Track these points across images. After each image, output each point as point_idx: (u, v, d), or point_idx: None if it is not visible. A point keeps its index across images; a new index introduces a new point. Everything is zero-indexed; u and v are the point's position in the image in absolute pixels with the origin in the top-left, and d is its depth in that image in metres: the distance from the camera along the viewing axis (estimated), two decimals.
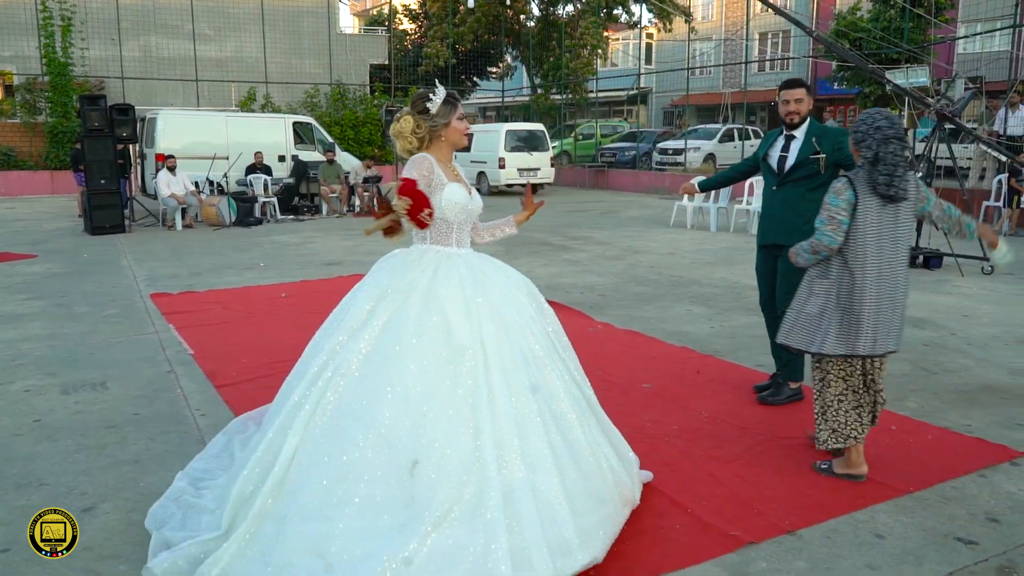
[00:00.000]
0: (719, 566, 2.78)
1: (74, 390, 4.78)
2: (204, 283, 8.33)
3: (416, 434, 2.63)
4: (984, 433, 4.02)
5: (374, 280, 3.02)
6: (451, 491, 2.55)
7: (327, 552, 2.48)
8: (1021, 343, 5.75)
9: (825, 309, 3.35)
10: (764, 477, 3.49)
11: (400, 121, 3.08)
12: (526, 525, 2.55)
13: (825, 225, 3.30)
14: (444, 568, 2.43)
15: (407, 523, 2.51)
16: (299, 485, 2.63)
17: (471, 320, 2.82)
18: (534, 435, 2.72)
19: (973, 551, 2.88)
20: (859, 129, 3.33)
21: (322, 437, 2.68)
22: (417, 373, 2.71)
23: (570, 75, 26.97)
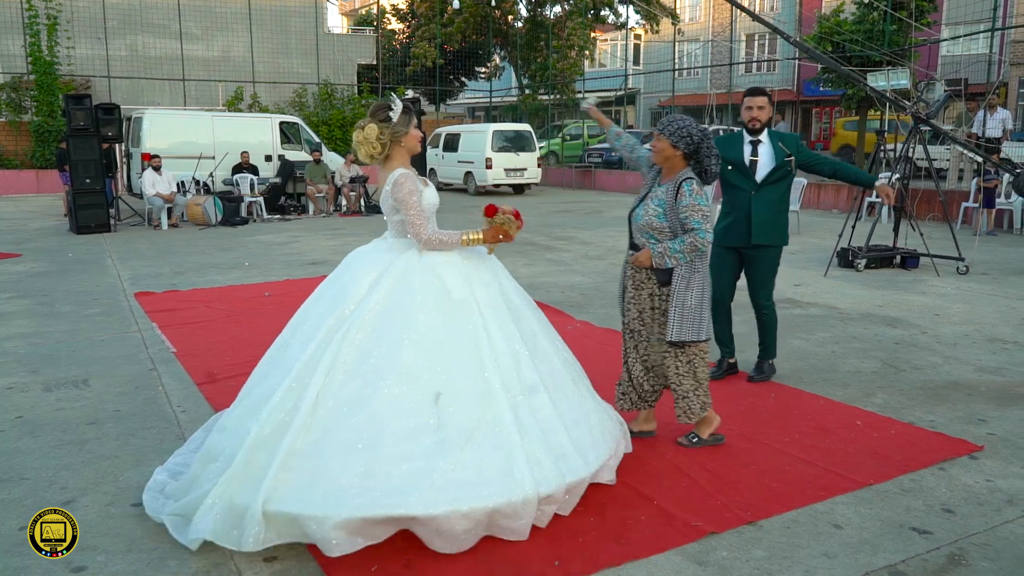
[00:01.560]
0: (681, 555, 2.87)
1: (56, 387, 4.84)
2: (188, 282, 8.38)
3: (434, 372, 3.00)
4: (947, 428, 4.13)
5: (371, 260, 3.32)
6: (471, 415, 2.96)
7: (374, 473, 2.80)
8: (990, 341, 5.88)
9: (702, 299, 3.62)
10: (729, 469, 3.59)
11: (364, 129, 3.33)
12: (531, 435, 3.01)
13: (703, 224, 3.54)
14: (479, 477, 2.84)
15: (441, 442, 2.88)
16: (333, 424, 2.89)
17: (464, 282, 3.23)
18: (526, 367, 3.17)
19: (927, 540, 2.98)
20: (689, 132, 3.62)
21: (347, 382, 2.96)
22: (427, 323, 3.08)
23: (557, 76, 27.07)
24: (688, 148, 3.62)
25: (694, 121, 3.66)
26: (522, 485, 2.87)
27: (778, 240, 4.77)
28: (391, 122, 3.29)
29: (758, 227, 4.65)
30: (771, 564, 2.81)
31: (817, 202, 15.96)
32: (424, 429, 2.90)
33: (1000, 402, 4.54)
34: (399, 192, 3.22)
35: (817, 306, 7.12)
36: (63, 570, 2.78)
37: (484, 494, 2.82)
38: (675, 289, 3.61)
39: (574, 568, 2.76)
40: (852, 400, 4.57)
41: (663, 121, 3.68)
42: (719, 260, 4.81)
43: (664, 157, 3.68)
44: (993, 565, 2.81)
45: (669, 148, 3.63)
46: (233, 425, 3.18)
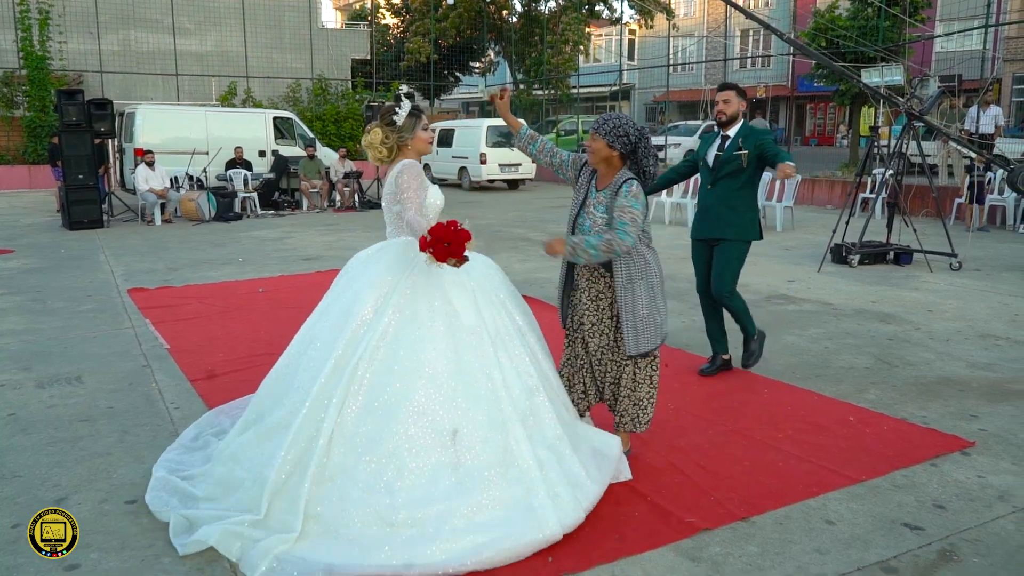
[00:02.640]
0: (675, 551, 2.88)
1: (49, 384, 4.82)
2: (181, 278, 8.36)
3: (449, 407, 2.94)
4: (939, 424, 4.15)
5: (376, 276, 3.19)
6: (490, 451, 2.92)
7: (395, 520, 2.75)
8: (982, 337, 5.90)
9: (651, 303, 3.48)
10: (723, 466, 3.60)
11: (370, 133, 3.32)
12: (549, 467, 2.98)
13: (628, 226, 3.32)
14: (501, 517, 2.80)
15: (460, 483, 2.85)
16: (350, 465, 2.85)
17: (471, 303, 3.15)
18: (537, 395, 3.14)
19: (918, 536, 3.00)
20: (626, 131, 3.42)
21: (360, 421, 2.91)
22: (438, 354, 3.00)
23: (552, 71, 27.04)
24: (625, 148, 3.43)
25: (631, 119, 3.51)
26: (546, 522, 2.83)
27: (735, 235, 4.77)
28: (395, 126, 3.28)
29: (712, 220, 4.80)
30: (763, 560, 2.82)
31: (811, 198, 16.00)
32: (442, 468, 2.86)
33: (992, 398, 4.56)
34: (402, 178, 3.19)
35: (810, 302, 7.14)
36: (57, 568, 2.77)
37: (508, 535, 2.75)
38: (621, 300, 3.45)
39: (568, 564, 2.77)
40: (845, 396, 4.59)
41: (598, 120, 3.50)
42: (695, 253, 5.03)
43: (601, 158, 3.47)
44: (984, 561, 2.83)
45: (606, 148, 3.43)
46: (249, 450, 3.14)
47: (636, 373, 3.58)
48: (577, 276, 3.64)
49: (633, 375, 3.58)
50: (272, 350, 5.45)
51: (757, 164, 4.71)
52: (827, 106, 35.86)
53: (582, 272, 3.61)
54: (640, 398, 3.59)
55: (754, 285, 7.86)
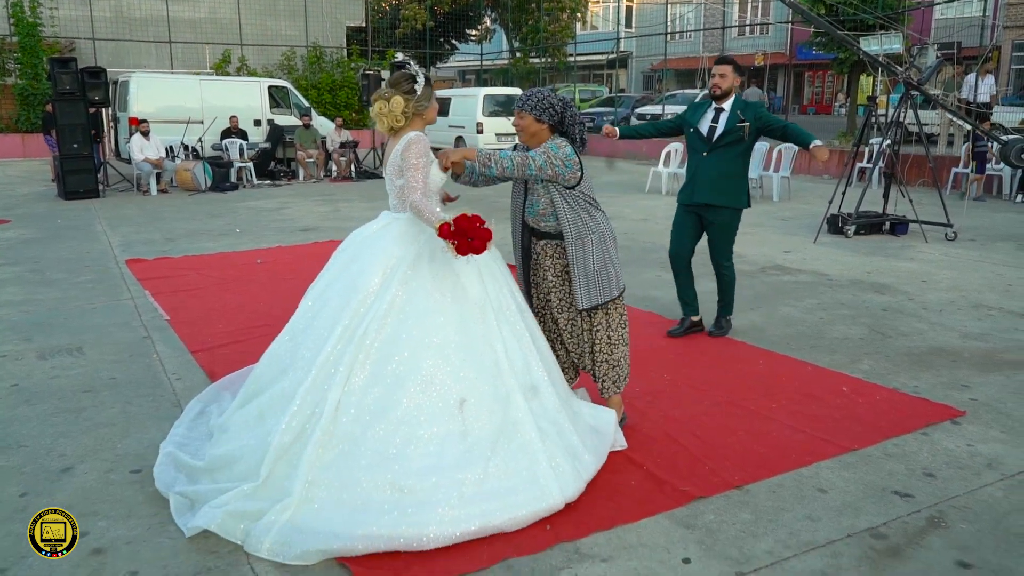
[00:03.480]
0: (670, 519, 2.95)
1: (50, 355, 4.86)
2: (179, 249, 8.36)
3: (456, 378, 2.99)
4: (931, 394, 4.22)
5: (381, 250, 3.20)
6: (495, 421, 2.98)
7: (404, 485, 2.80)
8: (975, 308, 5.96)
9: (603, 258, 3.52)
10: (718, 436, 3.66)
11: (390, 101, 3.22)
12: (550, 439, 3.05)
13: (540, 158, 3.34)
14: (507, 486, 2.86)
15: (469, 451, 2.90)
16: (358, 432, 2.88)
17: (476, 277, 3.19)
18: (535, 367, 3.21)
19: (908, 503, 3.07)
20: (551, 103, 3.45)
21: (368, 389, 2.94)
22: (445, 325, 3.06)
23: (549, 39, 26.79)
24: (552, 120, 3.46)
25: (551, 91, 3.55)
26: (549, 492, 2.90)
27: (727, 202, 4.97)
28: (415, 94, 3.24)
29: (705, 186, 4.95)
30: (756, 527, 2.89)
31: (808, 167, 15.96)
32: (451, 437, 2.91)
33: (983, 368, 4.63)
34: (409, 153, 3.15)
35: (806, 272, 7.18)
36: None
37: (512, 504, 2.82)
38: (572, 256, 3.48)
39: (566, 532, 2.83)
40: (839, 366, 4.65)
41: (520, 98, 3.52)
42: (679, 219, 5.17)
43: (530, 134, 3.50)
44: (971, 527, 2.90)
45: (534, 123, 3.46)
46: (249, 424, 3.18)
47: (610, 336, 3.63)
48: (539, 255, 3.65)
49: (608, 339, 3.63)
50: (271, 321, 5.51)
51: (754, 136, 4.87)
52: (825, 74, 35.62)
53: (545, 250, 3.63)
54: (617, 359, 3.66)
55: (750, 256, 7.90)
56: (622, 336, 3.68)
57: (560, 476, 2.97)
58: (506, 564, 2.65)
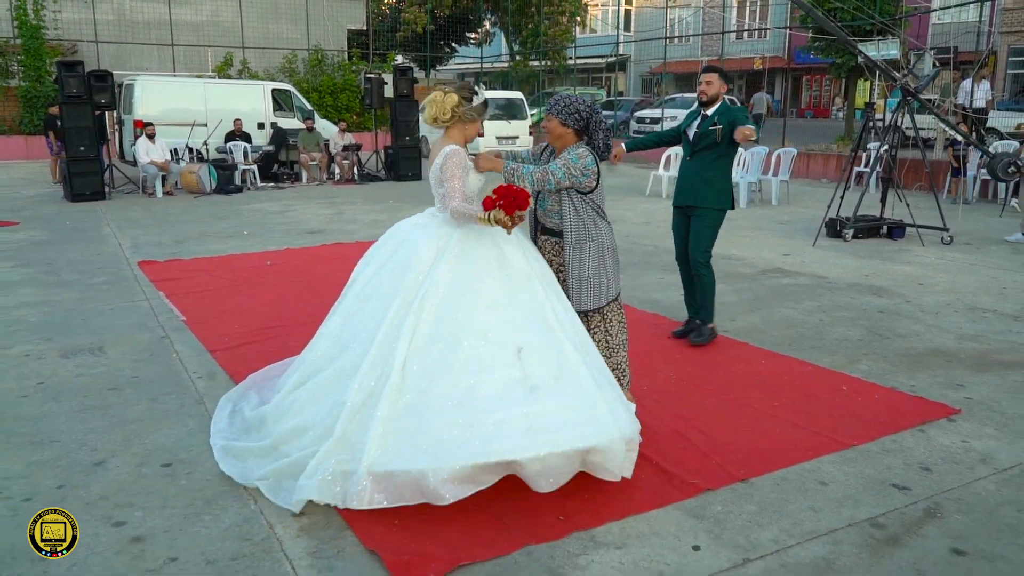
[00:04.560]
0: (679, 510, 3.10)
1: (73, 355, 5.00)
2: (189, 251, 8.50)
3: (509, 330, 3.21)
4: (927, 393, 4.37)
5: (431, 231, 3.47)
6: (551, 367, 3.17)
7: (474, 423, 3.00)
8: (970, 310, 6.12)
9: (599, 267, 3.69)
10: (724, 433, 3.81)
11: (447, 95, 3.49)
12: (605, 386, 3.26)
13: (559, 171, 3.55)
14: (568, 420, 3.05)
15: (530, 392, 3.10)
16: (425, 385, 3.09)
17: (520, 252, 3.44)
18: (581, 329, 3.47)
19: (905, 496, 3.22)
20: (577, 108, 3.64)
21: (431, 346, 3.16)
22: (495, 288, 3.30)
23: (548, 42, 26.95)
24: (578, 125, 3.65)
25: (581, 98, 3.72)
26: (608, 427, 3.08)
27: (708, 203, 5.18)
28: (470, 103, 3.49)
29: (687, 188, 5.24)
30: (762, 517, 3.04)
31: (807, 172, 16.15)
32: (512, 381, 3.10)
33: (978, 368, 4.78)
34: (447, 165, 3.40)
35: (805, 275, 7.34)
36: (105, 525, 2.97)
37: (576, 435, 3.01)
38: (569, 260, 3.69)
39: (581, 521, 2.98)
40: (838, 366, 4.80)
41: (551, 101, 3.73)
42: (675, 222, 5.46)
43: (555, 136, 3.70)
44: (965, 518, 3.05)
45: (559, 127, 3.66)
46: (315, 399, 3.36)
47: (608, 340, 3.79)
48: (541, 248, 3.84)
49: (606, 342, 3.79)
50: (284, 322, 5.67)
51: (731, 139, 5.06)
52: (823, 78, 35.83)
53: (544, 246, 3.84)
54: (618, 362, 3.83)
55: (750, 259, 8.06)
56: (621, 341, 3.83)
57: (617, 416, 3.17)
58: (526, 551, 2.79)
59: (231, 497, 3.18)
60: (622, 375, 3.83)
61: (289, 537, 2.88)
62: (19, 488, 3.26)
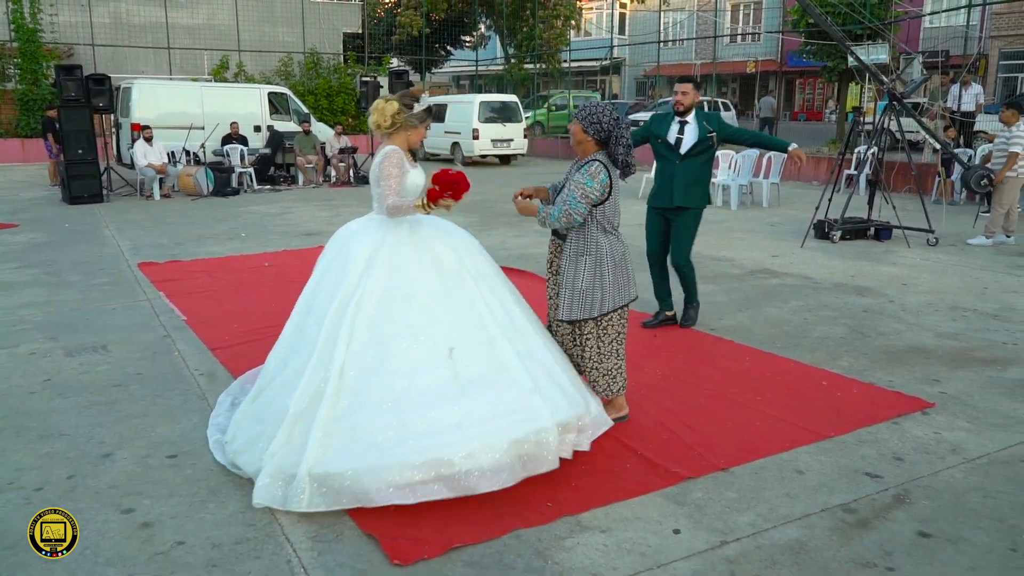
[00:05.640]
0: (661, 496, 3.26)
1: (77, 353, 5.14)
2: (188, 252, 8.64)
3: (442, 330, 3.37)
4: (904, 388, 4.54)
5: (365, 237, 3.62)
6: (482, 363, 3.36)
7: (406, 421, 3.16)
8: (951, 309, 6.29)
9: (594, 280, 3.75)
10: (707, 425, 3.97)
11: (388, 103, 3.66)
12: (537, 373, 3.43)
13: (578, 202, 3.67)
14: (498, 412, 3.22)
15: (461, 389, 3.27)
16: (362, 387, 3.25)
17: (452, 252, 3.61)
18: (519, 319, 3.62)
19: (877, 483, 3.38)
20: (599, 119, 3.75)
21: (367, 349, 3.32)
22: (428, 288, 3.46)
23: (543, 45, 27.14)
24: (598, 135, 3.75)
25: (610, 110, 3.82)
26: (539, 414, 3.24)
27: (696, 203, 5.53)
28: (410, 110, 3.64)
29: (680, 191, 5.48)
30: (740, 503, 3.20)
31: (798, 174, 16.32)
32: (444, 380, 3.27)
33: (954, 364, 4.95)
34: (382, 165, 3.57)
35: (793, 276, 7.51)
36: (114, 512, 3.12)
37: (504, 425, 3.17)
38: (564, 269, 3.80)
39: (568, 507, 3.14)
40: (820, 363, 4.97)
41: (579, 107, 3.91)
42: (649, 220, 5.72)
43: (576, 141, 3.84)
44: (933, 503, 3.21)
45: (580, 132, 3.80)
46: (268, 406, 3.52)
47: (600, 347, 3.88)
48: (549, 246, 4.05)
49: (598, 348, 3.87)
50: (283, 321, 5.74)
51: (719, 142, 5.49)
52: (816, 81, 36.09)
53: (550, 246, 4.04)
54: (609, 368, 3.90)
55: (739, 260, 8.24)
56: (615, 350, 3.91)
57: (550, 401, 3.34)
58: (515, 534, 2.95)
59: (235, 486, 3.33)
60: (612, 381, 3.91)
61: (291, 522, 3.03)
62: (31, 479, 3.41)
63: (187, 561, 2.79)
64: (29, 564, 2.77)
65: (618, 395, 3.96)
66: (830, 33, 11.23)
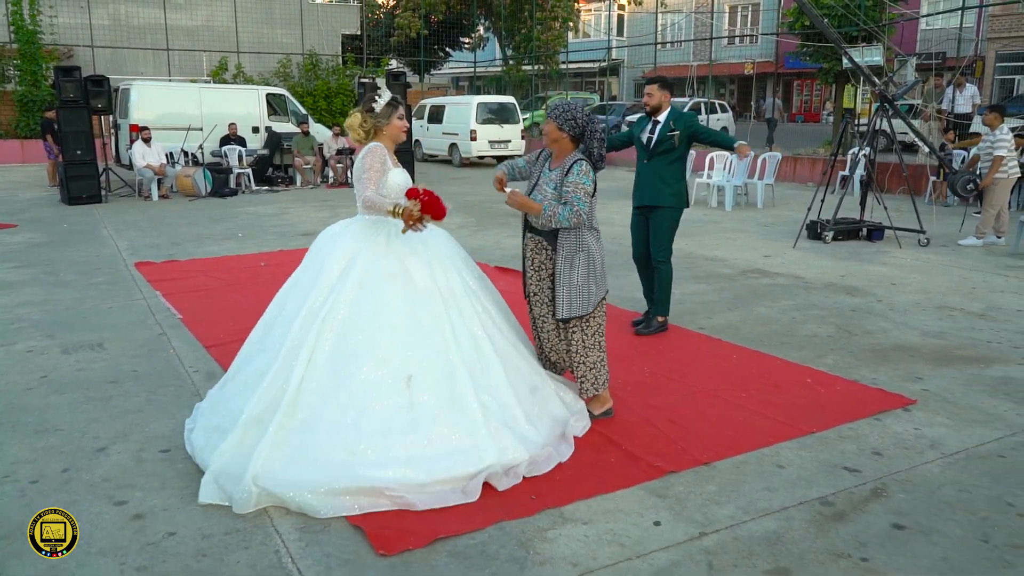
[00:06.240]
0: (644, 490, 3.33)
1: (74, 350, 5.21)
2: (185, 252, 8.71)
3: (404, 357, 3.39)
4: (887, 385, 4.61)
5: (341, 245, 3.64)
6: (439, 395, 3.37)
7: (356, 449, 3.20)
8: (938, 308, 6.36)
9: (588, 275, 3.85)
10: (691, 420, 4.04)
11: (351, 116, 3.75)
12: (491, 412, 3.43)
13: (582, 199, 3.76)
14: (447, 450, 3.25)
15: (414, 421, 3.30)
16: (318, 404, 3.27)
17: (426, 268, 3.59)
18: (485, 347, 3.60)
19: (855, 477, 3.45)
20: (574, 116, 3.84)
21: (328, 366, 3.33)
22: (395, 309, 3.45)
23: (541, 47, 27.23)
24: (573, 131, 3.84)
25: (582, 106, 3.93)
26: (486, 455, 3.28)
27: (667, 202, 5.53)
28: (373, 112, 3.70)
29: (646, 191, 5.59)
30: (720, 496, 3.27)
31: (793, 175, 16.42)
32: (398, 409, 3.30)
33: (938, 362, 5.02)
34: (365, 160, 3.62)
35: (784, 276, 7.58)
36: (107, 504, 3.19)
37: (453, 464, 3.22)
38: (559, 270, 3.84)
39: (552, 500, 3.21)
40: (805, 361, 5.04)
41: (551, 106, 3.96)
42: (633, 222, 5.76)
43: (552, 139, 3.89)
44: (909, 496, 3.29)
45: (556, 131, 3.85)
46: (226, 401, 3.61)
47: (584, 340, 3.94)
48: (526, 245, 4.07)
49: (583, 341, 3.94)
50: None
51: (687, 143, 5.46)
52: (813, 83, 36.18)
53: (528, 243, 4.06)
54: (594, 362, 3.97)
55: (731, 260, 8.31)
56: (598, 342, 3.98)
57: (498, 442, 3.34)
58: (499, 526, 3.02)
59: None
60: (597, 375, 3.97)
61: (279, 514, 3.10)
62: (26, 471, 3.48)
63: (178, 551, 2.86)
64: (24, 554, 2.84)
65: (602, 389, 4.02)
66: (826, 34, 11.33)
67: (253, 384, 3.47)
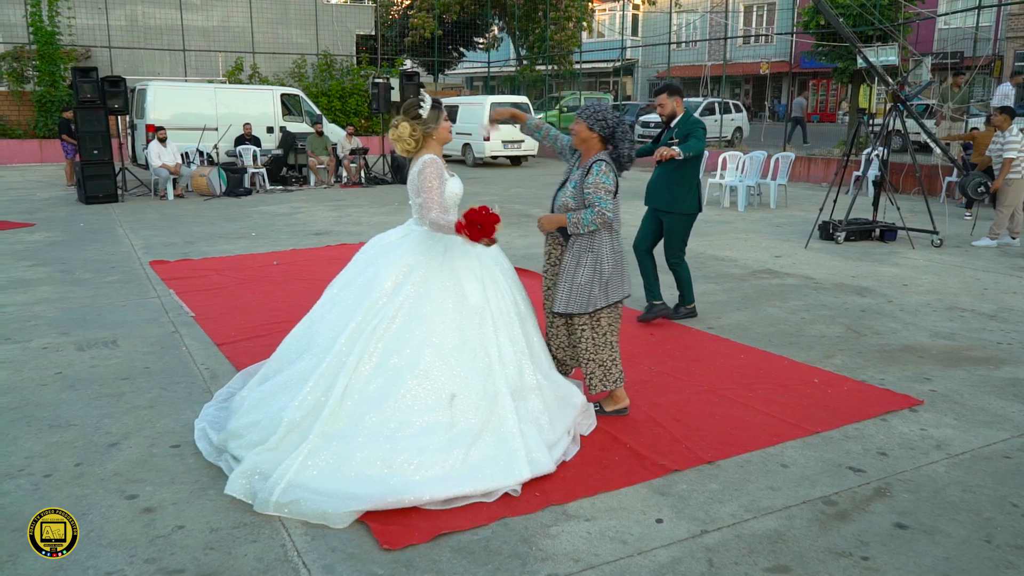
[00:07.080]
0: (647, 487, 3.35)
1: (88, 347, 5.28)
2: (199, 251, 8.80)
3: (450, 374, 3.39)
4: (895, 386, 4.60)
5: (397, 257, 3.63)
6: (480, 416, 3.38)
7: (394, 463, 3.20)
8: (949, 309, 6.34)
9: (593, 276, 3.84)
10: (696, 419, 4.06)
11: (398, 127, 3.67)
12: (530, 436, 3.44)
13: (605, 201, 3.78)
14: (484, 473, 3.23)
15: (453, 440, 3.30)
16: (359, 414, 3.28)
17: (479, 286, 3.58)
18: (527, 371, 3.63)
19: (859, 477, 3.46)
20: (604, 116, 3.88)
21: (372, 378, 3.35)
22: (445, 327, 3.45)
23: (555, 47, 27.24)
24: (603, 131, 3.86)
25: (611, 108, 3.97)
26: (519, 473, 3.28)
27: (674, 207, 5.71)
28: (422, 119, 3.65)
29: (654, 193, 5.81)
30: (723, 495, 3.28)
31: (807, 175, 16.35)
32: (439, 426, 3.30)
33: (947, 363, 5.01)
34: (422, 176, 3.56)
35: (794, 276, 7.56)
36: (118, 498, 3.24)
37: (485, 476, 3.23)
38: (566, 265, 3.87)
39: (555, 497, 3.24)
40: (813, 361, 5.04)
41: (582, 107, 3.99)
42: (645, 216, 5.94)
43: (581, 139, 3.92)
44: (913, 496, 3.29)
45: (586, 131, 3.88)
46: (266, 399, 3.62)
47: (595, 338, 3.95)
48: (545, 242, 4.13)
49: (592, 339, 3.95)
50: (288, 318, 5.92)
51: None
52: (829, 83, 35.98)
53: (547, 238, 4.12)
54: (603, 360, 3.98)
55: (742, 260, 8.30)
56: (609, 342, 3.99)
57: (533, 465, 3.33)
58: (503, 522, 3.05)
59: None
60: (607, 372, 3.98)
61: None
62: (40, 465, 3.54)
63: (186, 544, 2.91)
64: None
65: (616, 387, 4.04)
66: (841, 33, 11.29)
67: (295, 387, 3.48)
